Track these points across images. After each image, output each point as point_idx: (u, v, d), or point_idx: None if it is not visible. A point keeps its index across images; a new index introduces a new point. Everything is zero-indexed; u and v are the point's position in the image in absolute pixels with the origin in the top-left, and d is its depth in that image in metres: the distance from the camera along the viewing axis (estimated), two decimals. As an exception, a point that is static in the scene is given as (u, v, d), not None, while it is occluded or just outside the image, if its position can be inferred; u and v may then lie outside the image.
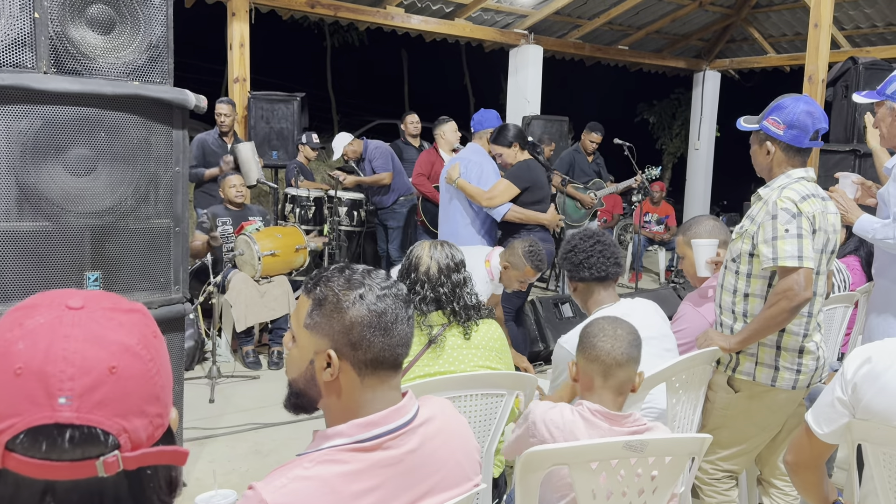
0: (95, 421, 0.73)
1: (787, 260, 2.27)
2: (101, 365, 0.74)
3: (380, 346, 1.23)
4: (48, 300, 0.78)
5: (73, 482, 0.72)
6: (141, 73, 2.88)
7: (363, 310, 1.22)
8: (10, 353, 0.72)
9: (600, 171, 7.31)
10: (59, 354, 0.73)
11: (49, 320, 0.75)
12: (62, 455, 0.72)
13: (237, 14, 7.07)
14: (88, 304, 0.78)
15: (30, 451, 0.71)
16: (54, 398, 0.71)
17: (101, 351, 0.74)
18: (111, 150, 2.78)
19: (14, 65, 2.60)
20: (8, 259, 2.62)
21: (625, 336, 1.87)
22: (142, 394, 0.76)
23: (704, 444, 1.73)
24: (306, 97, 7.28)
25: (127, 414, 0.75)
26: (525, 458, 1.62)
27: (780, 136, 2.38)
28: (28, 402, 0.71)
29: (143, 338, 0.79)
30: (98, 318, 0.77)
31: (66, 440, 0.72)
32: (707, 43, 11.15)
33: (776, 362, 2.42)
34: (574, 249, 2.50)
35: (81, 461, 0.72)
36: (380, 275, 1.29)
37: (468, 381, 2.06)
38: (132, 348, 0.77)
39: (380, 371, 1.24)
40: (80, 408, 0.72)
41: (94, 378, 0.73)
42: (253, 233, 4.98)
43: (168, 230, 3.01)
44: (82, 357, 0.73)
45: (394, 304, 1.25)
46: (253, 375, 4.81)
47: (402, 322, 1.26)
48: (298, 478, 1.14)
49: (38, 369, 0.72)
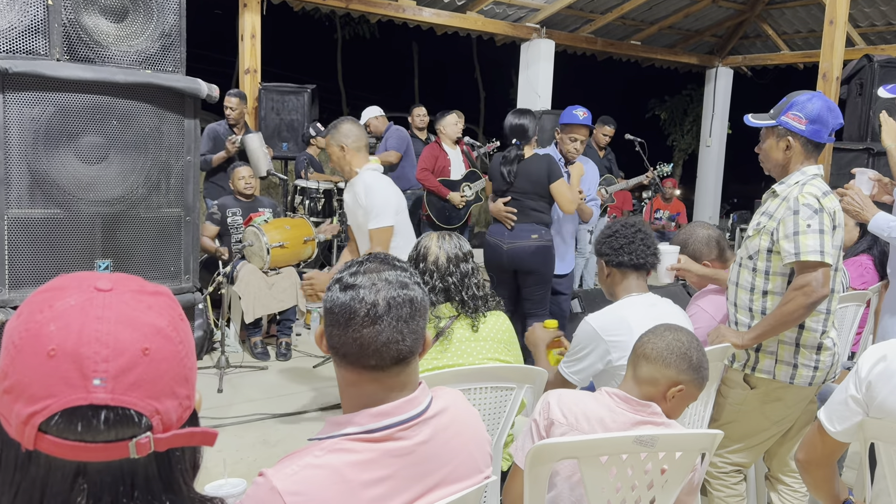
0: (129, 402, 0.73)
1: (810, 255, 2.26)
2: (135, 346, 0.74)
3: (339, 341, 1.21)
4: (76, 282, 0.78)
5: (104, 464, 0.72)
6: (153, 62, 2.88)
7: (326, 303, 1.24)
8: (42, 334, 0.72)
9: (611, 167, 7.26)
10: (93, 336, 0.72)
11: (80, 302, 0.75)
12: (96, 436, 0.71)
13: (248, 5, 7.07)
14: (117, 287, 0.78)
15: (64, 433, 0.71)
16: (89, 379, 0.71)
17: (133, 332, 0.74)
18: (123, 138, 2.79)
19: (27, 52, 2.61)
20: (20, 246, 2.64)
21: (693, 353, 1.83)
22: (173, 375, 0.76)
23: (716, 439, 1.72)
24: (317, 89, 7.27)
25: (159, 395, 0.74)
26: (534, 451, 1.61)
27: (802, 130, 2.36)
28: (62, 384, 0.71)
29: (171, 320, 0.79)
30: (128, 300, 0.77)
31: (100, 421, 0.71)
32: (720, 39, 11.08)
33: (795, 359, 2.41)
34: (615, 234, 2.49)
35: (115, 442, 0.72)
36: (369, 269, 1.25)
37: (477, 373, 2.05)
38: (163, 330, 0.77)
39: (355, 366, 1.21)
40: (114, 389, 0.72)
41: (128, 359, 0.73)
42: (262, 224, 4.98)
43: (179, 219, 3.02)
44: (115, 338, 0.73)
45: (351, 301, 1.20)
46: (261, 366, 4.82)
47: (367, 320, 1.19)
48: (309, 465, 1.14)
49: (72, 351, 0.71)
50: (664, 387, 1.79)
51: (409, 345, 1.22)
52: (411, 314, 1.22)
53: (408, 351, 1.22)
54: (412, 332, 1.22)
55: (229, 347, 4.82)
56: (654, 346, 1.81)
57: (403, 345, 1.21)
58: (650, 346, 1.81)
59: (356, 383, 1.23)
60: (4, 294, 2.61)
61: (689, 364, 1.78)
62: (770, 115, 2.44)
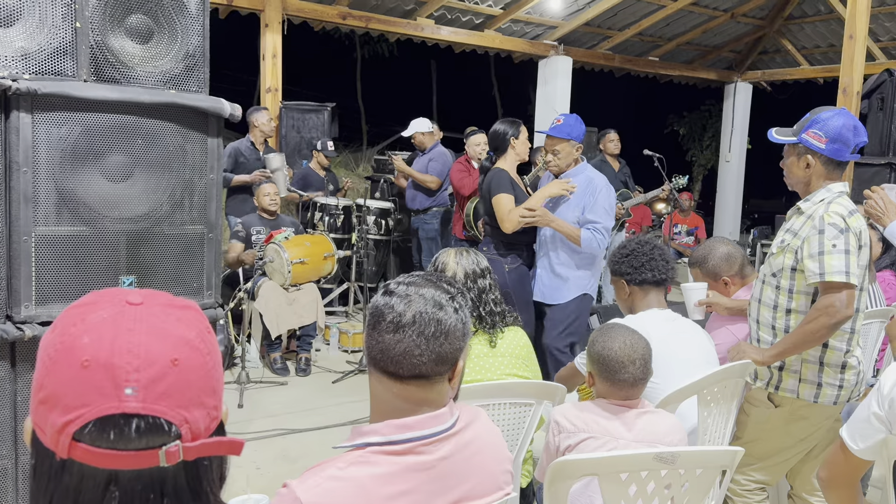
0: (160, 411, 0.75)
1: (835, 275, 2.24)
2: (165, 357, 0.76)
3: (368, 341, 1.28)
4: (108, 297, 0.81)
5: (136, 472, 0.74)
6: (178, 82, 2.93)
7: (371, 303, 1.30)
8: (76, 346, 0.75)
9: (627, 181, 7.25)
10: (125, 347, 0.75)
11: (112, 315, 0.77)
12: (128, 445, 0.73)
13: (270, 25, 7.17)
14: (147, 301, 0.81)
15: (97, 441, 0.73)
16: (121, 389, 0.73)
17: (163, 344, 0.77)
18: (148, 156, 2.83)
19: (55, 73, 2.66)
20: (46, 262, 2.68)
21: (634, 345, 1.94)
22: (201, 385, 0.79)
23: (736, 457, 1.71)
24: (336, 107, 7.35)
25: (188, 405, 0.76)
26: (554, 467, 1.62)
27: (821, 149, 2.35)
28: (96, 394, 0.73)
29: (200, 332, 0.81)
30: (157, 313, 0.79)
31: (132, 430, 0.74)
32: (739, 55, 11.06)
33: (819, 378, 2.39)
34: (633, 253, 2.51)
35: (145, 451, 0.74)
36: (418, 282, 1.30)
37: (495, 389, 2.06)
38: (192, 342, 0.79)
39: (379, 369, 1.26)
40: (145, 398, 0.74)
41: (159, 370, 0.75)
42: (282, 241, 5.03)
43: (202, 236, 3.05)
44: (146, 349, 0.75)
45: (384, 305, 1.26)
46: (281, 381, 4.85)
47: (390, 326, 1.24)
48: (332, 478, 1.16)
49: (105, 361, 0.74)
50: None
51: (426, 362, 1.23)
52: (435, 334, 1.24)
53: (427, 369, 1.24)
54: (433, 352, 1.23)
55: (250, 363, 4.86)
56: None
57: (421, 360, 1.23)
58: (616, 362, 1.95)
59: (381, 389, 1.27)
60: (31, 309, 2.66)
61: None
62: (793, 131, 2.44)
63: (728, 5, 9.40)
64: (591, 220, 3.68)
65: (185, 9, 2.90)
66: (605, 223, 3.67)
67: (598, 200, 3.69)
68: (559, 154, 3.76)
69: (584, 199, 3.72)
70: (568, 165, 3.79)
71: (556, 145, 3.75)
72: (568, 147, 3.74)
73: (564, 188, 3.70)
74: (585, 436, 1.86)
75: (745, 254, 2.97)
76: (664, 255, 2.50)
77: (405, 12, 8.10)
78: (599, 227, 3.66)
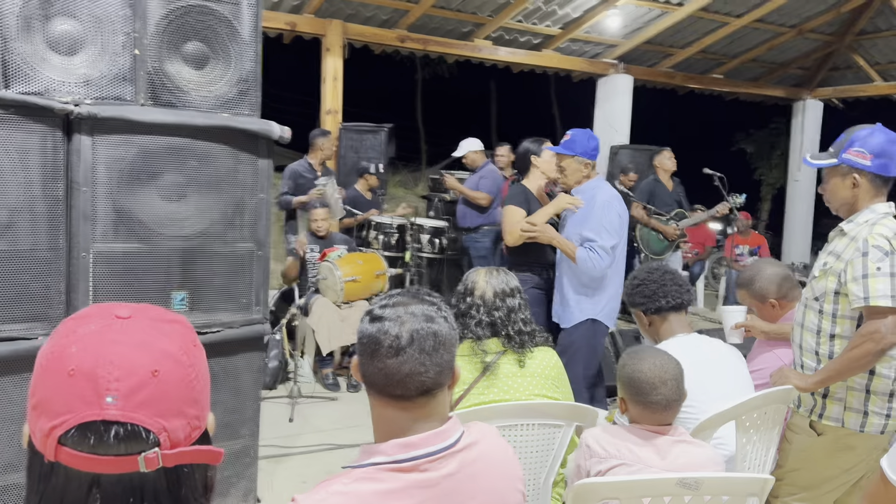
0: (138, 419, 0.79)
1: (880, 300, 2.16)
2: (145, 368, 0.80)
3: (367, 370, 1.27)
4: (99, 311, 0.86)
5: (117, 476, 0.78)
6: (231, 106, 3.04)
7: (358, 333, 1.30)
8: (64, 356, 0.80)
9: (681, 201, 7.10)
10: (108, 358, 0.80)
11: (100, 328, 0.83)
12: (108, 450, 0.78)
13: (331, 49, 7.37)
14: (135, 315, 0.86)
15: (79, 446, 0.78)
16: (102, 397, 0.78)
17: (145, 356, 0.81)
18: (201, 177, 2.95)
19: (115, 98, 2.81)
20: (103, 278, 2.81)
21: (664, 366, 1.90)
22: (181, 396, 0.82)
23: (766, 485, 1.66)
24: (394, 128, 7.48)
25: (167, 414, 0.81)
26: (576, 489, 1.61)
27: (867, 166, 2.28)
28: (79, 401, 0.78)
29: (184, 346, 0.86)
30: (144, 327, 0.84)
31: (111, 436, 0.78)
32: (808, 71, 10.75)
33: (865, 406, 2.30)
34: (644, 282, 2.48)
35: (125, 456, 0.78)
36: (398, 301, 1.30)
37: (524, 410, 2.05)
38: (174, 355, 0.83)
39: (383, 394, 1.26)
40: (124, 406, 0.78)
41: (138, 380, 0.80)
42: (335, 259, 5.13)
43: (251, 254, 3.15)
44: (128, 361, 0.80)
45: (377, 332, 1.25)
46: (331, 397, 4.93)
47: (390, 351, 1.24)
48: (337, 493, 1.18)
49: (88, 371, 0.79)
50: None
51: (432, 377, 1.25)
52: (435, 347, 1.25)
53: (432, 383, 1.25)
54: (436, 365, 1.25)
55: (302, 378, 4.95)
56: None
57: (427, 376, 1.24)
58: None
59: (384, 412, 1.28)
60: (89, 323, 2.80)
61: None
62: (830, 153, 2.37)
63: (795, 21, 9.16)
64: (588, 237, 3.53)
65: (238, 36, 3.02)
66: (602, 241, 3.48)
67: (595, 216, 3.54)
68: (566, 171, 3.71)
69: (585, 216, 3.61)
70: (577, 182, 3.70)
71: (563, 162, 3.72)
72: (574, 164, 3.67)
73: (570, 203, 3.61)
74: (616, 462, 1.83)
75: (793, 276, 2.89)
76: (676, 279, 2.46)
77: (463, 34, 8.20)
78: (596, 245, 3.49)
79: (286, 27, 7.18)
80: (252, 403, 3.21)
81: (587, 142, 3.68)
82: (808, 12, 9.00)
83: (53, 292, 2.74)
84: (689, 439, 1.87)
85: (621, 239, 3.62)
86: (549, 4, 7.91)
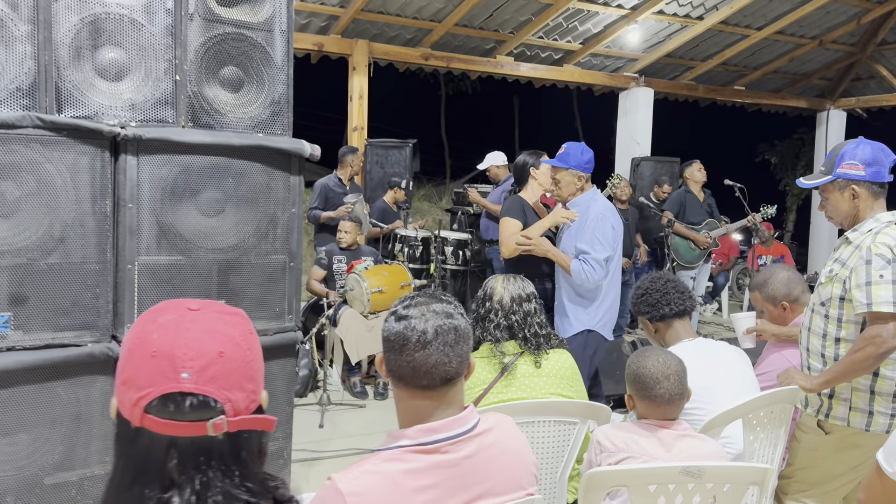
0: (208, 391, 0.96)
1: (882, 306, 2.27)
2: (213, 350, 0.97)
3: (395, 364, 1.42)
4: (174, 305, 1.04)
5: (189, 439, 0.95)
6: (264, 126, 3.24)
7: (384, 332, 1.46)
8: (147, 340, 0.98)
9: (712, 212, 7.17)
10: (183, 342, 0.97)
11: (175, 318, 1.00)
12: (183, 416, 0.95)
13: (357, 68, 7.59)
14: (203, 308, 1.03)
15: (160, 413, 0.95)
16: (179, 373, 0.95)
17: (212, 340, 0.98)
18: (237, 193, 3.14)
19: (158, 120, 3.01)
20: (147, 288, 3.00)
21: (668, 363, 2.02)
22: (242, 373, 0.99)
23: (766, 475, 1.78)
24: (418, 143, 7.67)
25: (231, 388, 0.97)
26: (587, 477, 1.74)
27: (862, 176, 2.40)
28: (160, 377, 0.95)
29: (243, 333, 1.03)
30: (210, 318, 1.02)
31: (186, 405, 0.95)
32: (830, 82, 10.77)
33: (870, 407, 2.41)
34: (648, 291, 2.61)
35: (197, 422, 0.95)
36: (419, 302, 1.45)
37: (540, 407, 2.19)
38: (235, 339, 1.00)
39: (410, 385, 1.41)
40: (197, 381, 0.95)
41: (208, 359, 0.97)
42: (362, 271, 5.31)
43: (284, 265, 3.33)
44: (200, 344, 0.97)
45: (404, 329, 1.40)
46: (359, 404, 5.09)
47: (418, 345, 1.39)
48: (368, 472, 1.34)
49: (167, 352, 0.96)
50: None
51: (454, 367, 1.41)
52: (456, 340, 1.41)
53: (454, 372, 1.41)
54: (457, 356, 1.41)
55: (331, 386, 5.12)
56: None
57: (450, 366, 1.40)
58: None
59: (410, 402, 1.43)
60: (134, 330, 2.99)
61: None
62: (822, 171, 2.50)
63: (815, 33, 9.22)
64: (581, 249, 3.57)
65: (271, 61, 3.22)
66: (595, 254, 3.51)
67: (588, 229, 3.58)
68: (560, 183, 3.75)
69: (579, 228, 3.65)
70: (571, 194, 3.73)
71: (557, 174, 3.75)
72: (568, 176, 3.71)
73: (565, 216, 3.65)
74: (624, 455, 1.96)
75: (804, 281, 3.00)
76: (678, 286, 2.58)
77: (485, 51, 8.39)
78: (589, 257, 3.52)
79: (314, 48, 7.42)
80: (285, 407, 3.38)
81: (580, 155, 3.72)
82: (828, 24, 9.06)
83: (102, 302, 2.94)
84: (693, 433, 2.00)
85: (616, 251, 3.66)
86: (569, 21, 8.06)
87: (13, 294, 2.80)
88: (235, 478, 0.96)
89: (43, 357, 2.85)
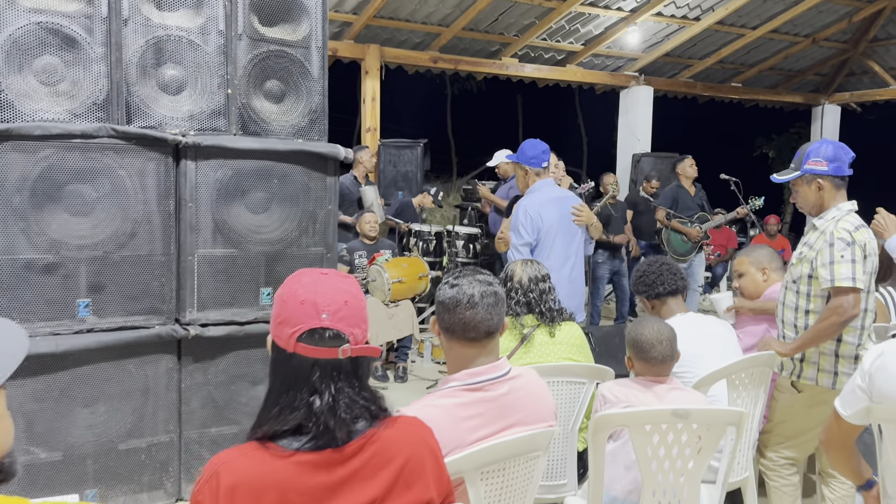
0: (339, 327, 1.35)
1: (843, 281, 2.67)
2: (341, 299, 1.37)
3: (448, 321, 1.82)
4: (310, 271, 1.43)
5: (326, 360, 1.34)
6: (303, 133, 3.65)
7: (439, 297, 1.85)
8: (296, 294, 1.37)
9: (703, 205, 7.54)
10: (321, 293, 1.36)
11: (313, 279, 1.40)
12: (323, 344, 1.33)
13: (370, 72, 7.99)
14: (330, 273, 1.44)
15: (307, 342, 1.33)
16: (320, 314, 1.34)
17: (340, 293, 1.38)
18: (281, 193, 3.54)
19: (213, 129, 3.42)
20: (204, 277, 3.41)
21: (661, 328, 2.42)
22: (359, 316, 1.39)
23: (742, 417, 2.18)
24: (428, 142, 8.07)
25: (353, 326, 1.37)
26: (594, 420, 2.14)
27: (826, 171, 2.80)
28: (307, 317, 1.34)
29: (357, 289, 1.43)
30: (336, 279, 1.42)
31: (325, 337, 1.33)
32: (825, 77, 11.14)
33: (835, 368, 2.80)
34: (645, 273, 3.02)
35: (331, 348, 1.34)
36: (466, 274, 1.85)
37: (555, 370, 2.59)
38: (353, 293, 1.41)
39: (461, 338, 1.80)
40: (332, 320, 1.34)
41: (338, 306, 1.36)
42: (383, 263, 5.71)
43: (322, 256, 3.74)
44: (332, 295, 1.37)
45: (457, 293, 1.80)
46: (381, 387, 5.49)
47: (468, 305, 1.78)
48: (429, 405, 1.74)
49: (311, 301, 1.35)
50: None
51: (494, 323, 1.82)
52: (495, 302, 1.83)
53: (494, 327, 1.82)
54: (497, 314, 1.82)
55: (355, 370, 5.52)
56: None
57: (491, 322, 1.81)
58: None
59: (460, 351, 1.83)
60: (194, 314, 3.39)
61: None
62: (792, 168, 2.90)
63: (808, 31, 9.59)
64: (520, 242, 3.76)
65: (309, 74, 3.62)
66: (514, 240, 3.74)
67: (513, 219, 3.83)
68: (517, 176, 4.07)
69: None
70: (524, 186, 3.98)
71: (515, 169, 4.08)
72: (519, 170, 4.00)
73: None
74: (624, 405, 2.37)
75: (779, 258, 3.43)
76: (671, 268, 2.99)
77: (491, 53, 8.78)
78: (512, 243, 3.77)
79: (328, 53, 7.81)
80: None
81: (528, 150, 3.96)
82: (820, 22, 9.42)
83: (166, 289, 3.35)
84: (681, 387, 2.40)
85: (538, 237, 3.76)
86: (571, 24, 8.45)
87: (91, 283, 3.21)
88: (356, 388, 1.36)
89: (116, 338, 3.26)
